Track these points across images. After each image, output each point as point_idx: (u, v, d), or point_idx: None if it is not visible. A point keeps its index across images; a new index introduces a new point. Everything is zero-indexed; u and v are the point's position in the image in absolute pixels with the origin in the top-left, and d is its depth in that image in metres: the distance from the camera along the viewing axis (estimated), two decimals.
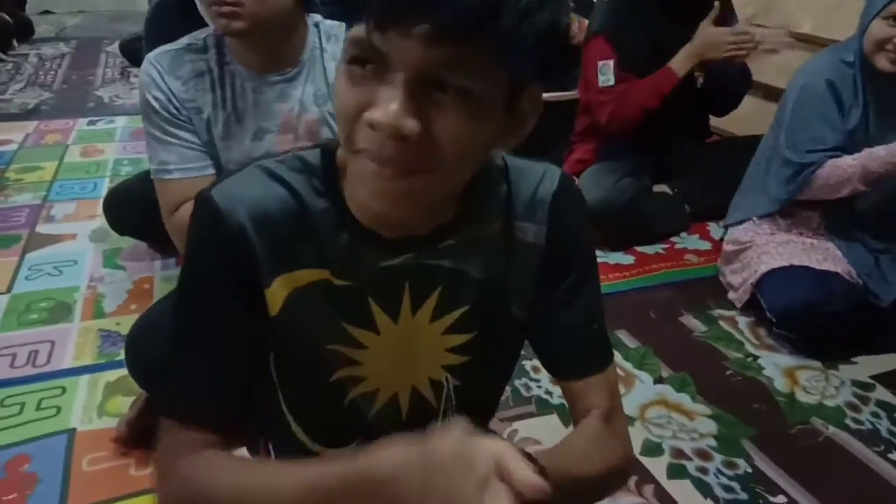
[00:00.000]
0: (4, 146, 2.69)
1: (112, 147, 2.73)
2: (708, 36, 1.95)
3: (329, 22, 1.33)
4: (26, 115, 3.10)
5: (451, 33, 0.48)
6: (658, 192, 2.17)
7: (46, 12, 5.30)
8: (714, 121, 2.44)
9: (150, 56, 1.26)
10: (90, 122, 3.00)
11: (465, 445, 0.48)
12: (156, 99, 1.23)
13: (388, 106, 0.50)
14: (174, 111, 1.24)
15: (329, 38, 1.32)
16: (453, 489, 0.46)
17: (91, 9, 5.61)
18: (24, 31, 4.53)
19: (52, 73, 3.80)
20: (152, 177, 1.28)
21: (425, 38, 0.48)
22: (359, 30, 0.51)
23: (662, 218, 2.09)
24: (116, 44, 4.26)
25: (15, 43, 4.30)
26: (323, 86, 1.31)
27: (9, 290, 1.75)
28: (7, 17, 4.30)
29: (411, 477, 0.49)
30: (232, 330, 0.66)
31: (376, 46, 0.50)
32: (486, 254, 0.69)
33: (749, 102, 2.39)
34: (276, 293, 0.65)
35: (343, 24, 1.33)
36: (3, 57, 4.04)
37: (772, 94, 2.58)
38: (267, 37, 1.22)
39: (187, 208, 1.21)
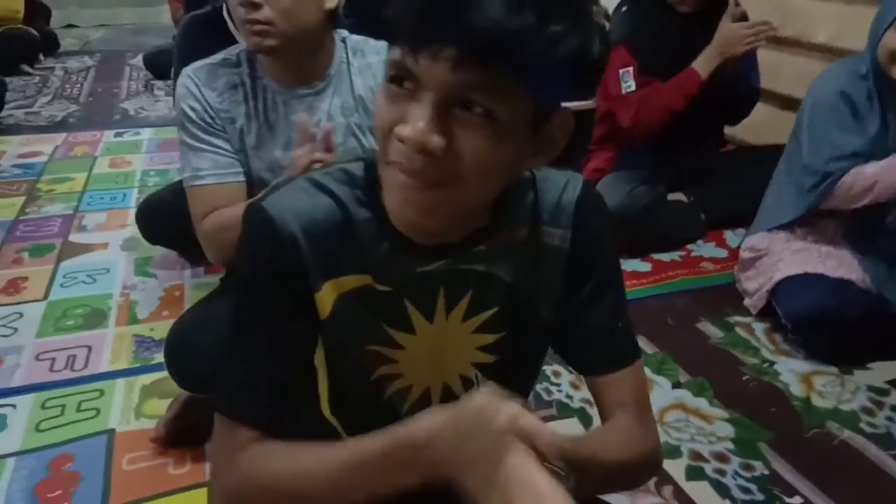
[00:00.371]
0: (35, 158, 2.78)
1: (139, 158, 2.81)
2: (728, 31, 1.97)
3: (355, 37, 1.38)
4: (55, 127, 3.19)
5: (476, 58, 0.52)
6: (674, 200, 2.21)
7: (70, 26, 5.42)
8: (730, 130, 2.48)
9: (188, 69, 1.31)
10: (117, 134, 3.08)
11: (487, 405, 0.53)
12: (192, 109, 1.28)
13: (417, 122, 0.55)
14: (209, 120, 1.29)
15: (355, 52, 1.37)
16: (479, 447, 0.52)
17: (113, 22, 5.73)
18: (50, 45, 4.64)
19: (79, 85, 3.90)
20: (184, 185, 1.32)
21: (452, 61, 0.53)
22: (395, 52, 0.56)
23: (678, 225, 2.13)
24: (140, 57, 4.36)
25: (41, 57, 4.41)
26: (349, 98, 1.36)
27: (45, 297, 1.82)
28: (34, 32, 4.41)
29: (442, 439, 0.55)
30: (286, 333, 0.71)
31: (409, 68, 0.55)
32: (515, 258, 0.74)
33: (764, 111, 2.42)
34: (325, 298, 0.70)
35: (368, 39, 1.38)
36: (31, 70, 4.15)
37: (788, 103, 2.61)
38: (296, 53, 1.27)
39: (217, 215, 1.27)
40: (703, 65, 1.99)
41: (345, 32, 1.37)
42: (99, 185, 2.53)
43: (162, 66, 3.82)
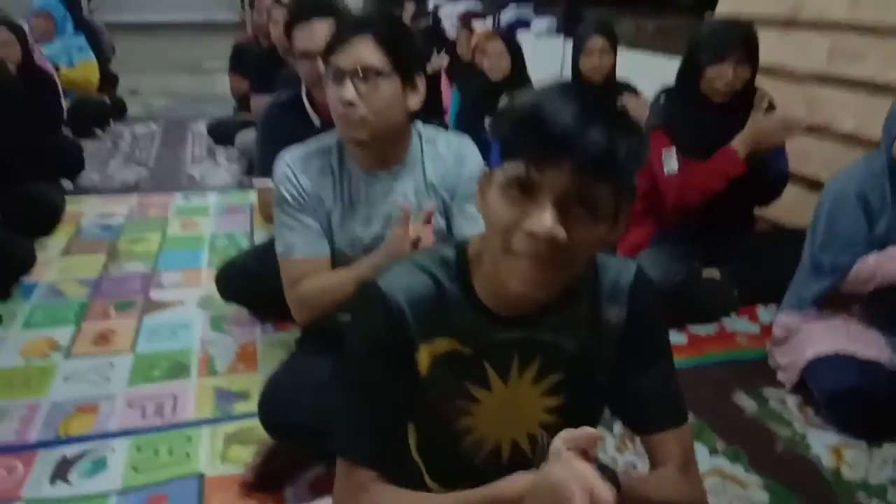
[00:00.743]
0: (112, 219, 3.02)
1: (207, 222, 3.04)
2: (759, 124, 2.12)
3: (428, 129, 1.58)
4: (128, 189, 3.45)
5: (585, 169, 0.70)
6: (707, 276, 2.35)
7: (134, 92, 5.80)
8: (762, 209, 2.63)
9: (286, 158, 1.51)
10: (185, 198, 3.33)
11: (563, 471, 0.67)
12: (288, 192, 1.48)
13: (545, 221, 0.71)
14: (302, 202, 1.48)
15: (428, 142, 1.56)
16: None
17: (172, 89, 6.13)
18: (119, 110, 5.00)
19: (147, 150, 4.20)
20: (279, 256, 1.50)
21: (570, 173, 0.71)
22: (517, 167, 0.73)
23: (712, 300, 2.26)
24: (200, 123, 4.69)
25: (111, 122, 4.75)
26: (422, 182, 1.54)
27: (132, 349, 2.00)
28: (106, 99, 4.77)
29: (532, 496, 0.71)
30: (394, 386, 0.87)
31: (532, 178, 0.72)
32: (578, 331, 0.90)
33: (793, 192, 2.57)
34: (423, 358, 0.87)
35: (439, 131, 1.58)
36: (101, 134, 4.48)
37: (814, 185, 2.76)
38: (381, 144, 1.47)
39: (307, 283, 1.44)
40: (739, 150, 2.13)
41: (419, 124, 1.58)
42: (172, 246, 2.75)
43: (223, 135, 4.11)
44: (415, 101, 1.46)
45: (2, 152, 2.51)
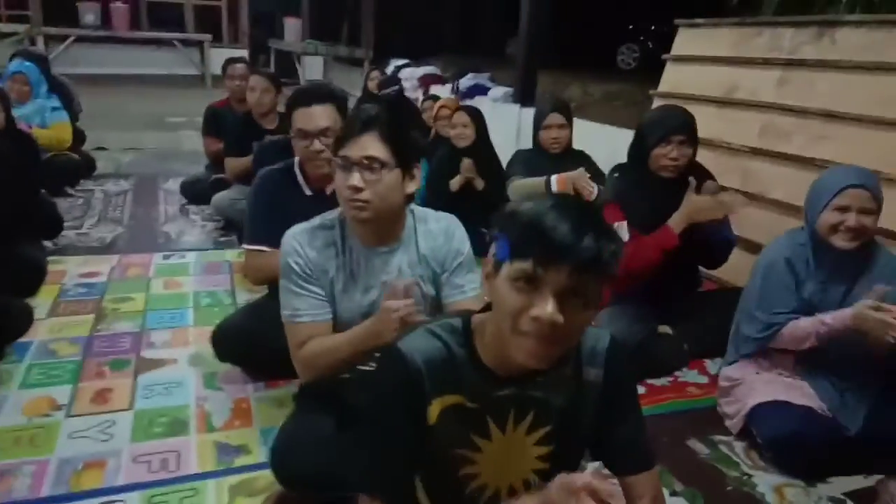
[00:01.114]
0: (95, 278, 3.10)
1: (189, 280, 3.15)
2: (692, 203, 2.38)
3: (420, 208, 1.79)
4: (106, 248, 3.54)
5: (580, 269, 0.92)
6: (661, 332, 2.59)
7: (100, 148, 5.85)
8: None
9: (294, 233, 1.68)
10: (165, 257, 3.44)
11: (565, 480, 0.87)
12: (296, 263, 1.65)
13: (548, 309, 0.92)
14: (308, 272, 1.66)
15: (420, 220, 1.77)
16: None
17: (140, 146, 6.21)
18: (88, 167, 5.04)
19: (120, 208, 4.27)
20: (284, 320, 1.66)
21: (567, 272, 0.92)
22: (525, 266, 0.94)
23: (667, 355, 2.51)
24: (171, 181, 4.80)
25: (80, 179, 4.80)
26: (415, 255, 1.74)
27: (131, 406, 2.10)
28: (76, 156, 4.84)
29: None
30: (407, 433, 1.06)
31: (537, 275, 0.93)
32: (564, 388, 1.11)
33: (734, 254, 2.85)
34: (434, 410, 1.06)
35: (429, 211, 1.78)
36: (73, 192, 4.54)
37: (752, 247, 3.07)
38: (381, 223, 1.67)
39: (311, 346, 1.61)
40: (676, 225, 2.38)
41: (413, 205, 1.78)
42: (158, 305, 2.85)
43: (198, 194, 4.24)
44: (412, 187, 1.67)
45: (10, 215, 2.60)
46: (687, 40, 4.01)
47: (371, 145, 1.57)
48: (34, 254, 2.98)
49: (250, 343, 2.13)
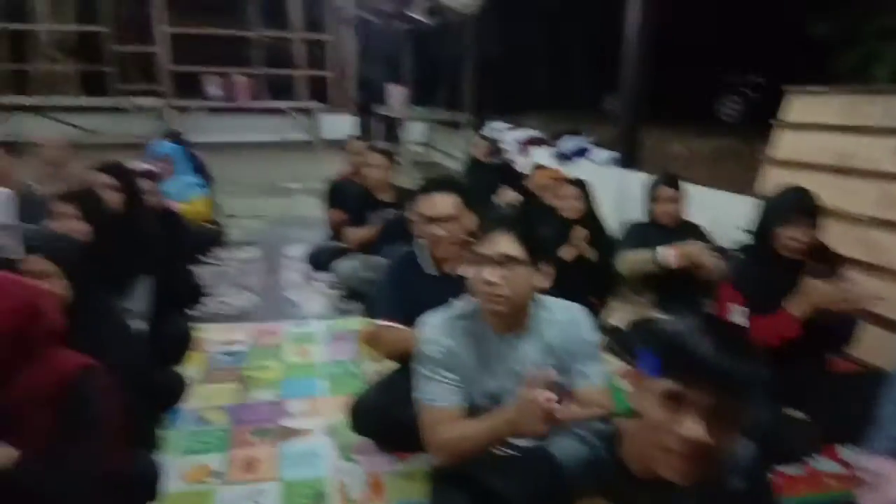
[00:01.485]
0: (235, 346, 3.37)
1: (317, 349, 3.36)
2: (812, 291, 2.34)
3: (546, 298, 1.90)
4: (243, 316, 3.83)
5: (724, 390, 1.00)
6: (790, 416, 2.53)
7: (232, 216, 6.28)
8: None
9: (433, 321, 1.84)
10: (295, 325, 3.68)
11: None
12: (433, 350, 1.80)
13: (695, 430, 1.00)
14: (444, 359, 1.80)
15: (546, 309, 1.88)
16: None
17: (261, 213, 6.64)
18: (221, 235, 5.47)
19: (252, 276, 4.60)
20: (420, 404, 1.80)
21: (712, 393, 0.99)
22: (672, 385, 1.03)
23: (798, 441, 2.44)
24: (292, 248, 5.13)
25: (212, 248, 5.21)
26: (542, 343, 1.85)
27: (278, 477, 2.27)
28: (210, 225, 5.27)
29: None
30: None
31: (686, 395, 1.01)
32: (708, 499, 1.15)
33: (872, 331, 2.75)
34: None
35: (554, 300, 1.87)
36: (207, 261, 4.94)
37: (883, 322, 2.96)
38: (512, 314, 1.79)
39: (447, 430, 1.72)
40: (799, 312, 2.35)
41: (539, 296, 1.89)
42: (292, 374, 3.07)
43: (322, 263, 4.51)
44: (540, 280, 1.79)
45: (163, 288, 2.90)
46: (797, 106, 3.98)
47: (505, 243, 1.72)
48: (181, 324, 3.28)
49: (387, 420, 2.28)
